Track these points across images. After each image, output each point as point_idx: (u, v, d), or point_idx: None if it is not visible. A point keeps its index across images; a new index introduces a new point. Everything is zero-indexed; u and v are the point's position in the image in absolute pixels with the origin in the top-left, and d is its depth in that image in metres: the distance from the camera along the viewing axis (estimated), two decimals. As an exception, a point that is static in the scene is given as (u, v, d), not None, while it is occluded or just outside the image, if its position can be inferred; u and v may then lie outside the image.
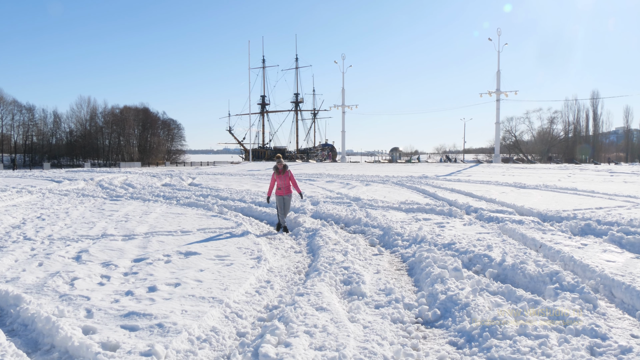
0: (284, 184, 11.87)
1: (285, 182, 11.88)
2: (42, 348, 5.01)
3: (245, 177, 34.43)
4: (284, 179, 11.86)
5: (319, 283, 6.97)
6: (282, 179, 11.86)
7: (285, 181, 11.89)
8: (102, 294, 6.62)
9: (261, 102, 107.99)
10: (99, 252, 9.23)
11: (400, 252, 9.43)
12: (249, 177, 34.35)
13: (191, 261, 8.55)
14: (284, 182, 11.87)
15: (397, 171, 40.74)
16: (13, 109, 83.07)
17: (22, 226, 12.32)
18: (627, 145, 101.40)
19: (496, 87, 64.73)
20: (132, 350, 4.65)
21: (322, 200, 17.49)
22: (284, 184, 11.87)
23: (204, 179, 31.99)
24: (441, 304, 6.14)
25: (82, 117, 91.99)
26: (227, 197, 19.52)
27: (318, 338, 5.00)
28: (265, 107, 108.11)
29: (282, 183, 11.87)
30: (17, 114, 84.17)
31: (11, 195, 20.38)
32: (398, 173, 37.29)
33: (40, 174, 42.20)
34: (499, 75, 64.50)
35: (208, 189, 23.67)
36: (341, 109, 78.78)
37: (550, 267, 7.28)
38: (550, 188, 21.98)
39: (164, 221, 13.18)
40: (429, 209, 14.91)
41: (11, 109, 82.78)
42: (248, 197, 19.17)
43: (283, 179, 11.86)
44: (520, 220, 12.19)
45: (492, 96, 65.41)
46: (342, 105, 78.54)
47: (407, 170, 41.88)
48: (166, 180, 31.31)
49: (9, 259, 8.62)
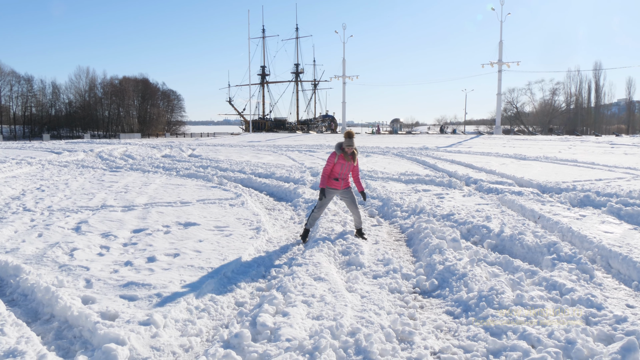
0: (345, 174, 8.36)
1: (348, 171, 8.39)
2: (42, 318, 5.05)
3: (245, 148, 34.38)
4: (347, 168, 8.32)
5: (317, 253, 7.00)
6: (346, 166, 8.29)
7: (349, 170, 8.40)
8: (102, 265, 6.65)
9: (261, 73, 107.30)
10: (99, 222, 9.24)
11: (399, 222, 9.45)
12: (249, 148, 34.29)
13: (190, 232, 8.57)
14: (346, 171, 8.34)
15: (397, 142, 40.64)
16: (11, 80, 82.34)
17: (21, 197, 12.33)
18: (629, 117, 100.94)
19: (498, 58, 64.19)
20: (131, 319, 4.69)
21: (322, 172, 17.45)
22: (345, 174, 8.35)
23: (203, 150, 31.94)
24: (439, 274, 6.17)
25: (81, 88, 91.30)
26: (227, 168, 19.50)
27: (316, 308, 5.03)
28: (265, 77, 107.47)
29: (345, 172, 8.34)
30: (16, 84, 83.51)
31: (10, 167, 20.35)
32: (399, 144, 37.20)
33: (40, 145, 42.09)
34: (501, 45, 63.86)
35: (208, 160, 23.65)
36: (342, 79, 78.20)
37: (548, 238, 7.30)
38: (551, 160, 21.95)
39: (163, 192, 13.18)
40: (428, 180, 14.90)
41: (9, 80, 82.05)
42: (248, 168, 19.15)
43: (348, 167, 8.31)
44: (519, 191, 12.18)
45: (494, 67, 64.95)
46: (342, 76, 77.93)
47: (408, 142, 41.76)
48: (166, 152, 31.26)
49: (8, 230, 8.64)
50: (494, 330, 4.51)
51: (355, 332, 4.41)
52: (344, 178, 8.31)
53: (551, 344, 4.10)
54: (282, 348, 4.09)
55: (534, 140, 43.90)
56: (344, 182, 8.36)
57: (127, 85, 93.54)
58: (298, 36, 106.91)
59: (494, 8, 63.98)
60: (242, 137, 63.68)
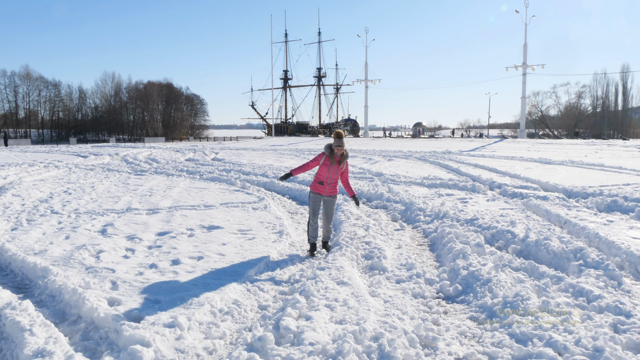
0: (333, 178, 7.64)
1: (336, 175, 7.66)
2: (70, 319, 5.13)
3: (268, 152, 34.52)
4: (336, 171, 7.61)
5: (340, 257, 7.00)
6: (334, 170, 7.56)
7: (337, 174, 7.68)
8: (127, 267, 6.74)
9: (284, 77, 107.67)
10: (124, 225, 9.37)
11: (422, 227, 9.39)
12: (271, 152, 34.43)
13: (214, 235, 8.64)
14: (334, 174, 7.61)
15: (420, 146, 40.42)
16: (40, 85, 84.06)
17: (49, 200, 12.57)
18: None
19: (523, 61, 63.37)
20: (155, 321, 4.74)
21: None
22: (333, 178, 7.62)
23: (226, 154, 32.18)
24: (463, 280, 6.12)
25: (107, 93, 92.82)
26: (250, 171, 19.61)
27: (339, 312, 5.03)
28: (287, 81, 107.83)
29: (332, 176, 7.59)
30: (44, 89, 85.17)
31: (39, 170, 20.78)
32: (421, 148, 37.00)
33: (67, 149, 42.92)
34: (526, 48, 63.06)
35: (231, 164, 23.82)
36: (364, 83, 78.07)
37: (574, 244, 7.19)
38: (577, 164, 21.60)
39: (187, 195, 13.32)
40: (451, 184, 14.79)
41: (37, 85, 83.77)
42: (270, 172, 19.23)
43: (335, 171, 7.59)
44: (544, 196, 12.02)
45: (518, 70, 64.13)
46: (365, 80, 77.80)
47: (430, 146, 41.51)
48: (189, 155, 31.57)
49: (37, 232, 8.82)
50: (519, 336, 4.45)
51: (378, 337, 4.39)
52: (330, 183, 7.60)
53: (578, 352, 4.03)
54: (306, 352, 4.10)
55: (559, 144, 43.27)
56: (330, 188, 7.65)
57: (152, 89, 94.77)
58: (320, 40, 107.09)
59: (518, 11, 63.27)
60: (264, 140, 63.99)
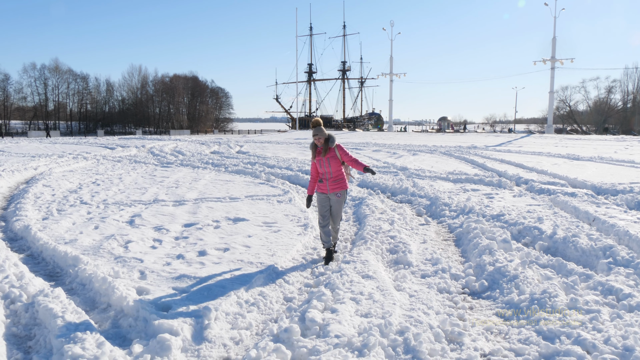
0: (329, 172, 6.75)
1: (330, 167, 6.73)
2: (99, 307, 5.24)
3: (292, 145, 34.61)
4: (328, 163, 6.71)
5: (365, 251, 7.00)
6: (325, 163, 6.71)
7: (332, 167, 6.73)
8: (155, 257, 6.85)
9: (308, 70, 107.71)
10: (151, 216, 9.51)
11: (448, 222, 9.33)
12: (295, 145, 34.51)
13: (239, 227, 8.72)
14: (327, 167, 6.72)
15: (445, 141, 40.09)
16: (68, 78, 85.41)
17: (78, 191, 12.82)
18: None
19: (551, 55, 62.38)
20: (183, 311, 4.82)
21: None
22: (328, 171, 6.74)
23: (251, 147, 32.36)
24: (489, 275, 6.07)
25: (134, 86, 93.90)
26: (274, 165, 19.70)
27: (364, 305, 5.04)
28: (312, 75, 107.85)
29: (326, 170, 6.74)
30: (72, 82, 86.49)
31: (68, 161, 21.19)
32: (446, 143, 36.70)
33: (95, 140, 43.66)
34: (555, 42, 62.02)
35: (255, 157, 23.96)
36: (389, 77, 77.70)
37: (603, 241, 7.07)
38: (606, 160, 21.20)
39: (212, 188, 13.45)
40: (477, 179, 14.65)
41: (66, 78, 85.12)
42: (295, 165, 19.28)
43: (327, 163, 6.71)
44: (572, 192, 11.83)
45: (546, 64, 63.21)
46: (389, 74, 77.40)
47: (456, 140, 41.14)
48: (214, 148, 31.83)
49: (67, 222, 9.02)
50: (546, 334, 4.40)
51: (404, 330, 4.39)
52: (329, 179, 6.76)
53: (607, 351, 3.98)
54: (331, 344, 4.12)
55: (588, 139, 42.50)
56: (332, 184, 6.77)
57: (178, 82, 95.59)
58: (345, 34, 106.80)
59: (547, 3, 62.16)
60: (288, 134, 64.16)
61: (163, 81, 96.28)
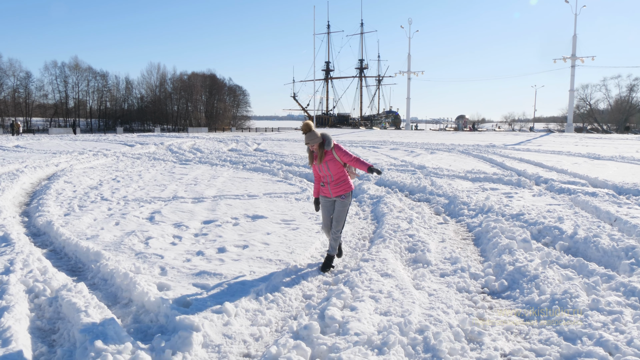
0: (329, 175, 6.25)
1: (328, 171, 6.23)
2: (121, 302, 5.31)
3: (309, 143, 34.61)
4: (325, 167, 6.21)
5: (383, 249, 6.99)
6: (323, 167, 6.22)
7: (332, 169, 6.21)
8: (175, 253, 6.92)
9: (325, 68, 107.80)
10: (171, 213, 9.61)
11: (466, 221, 9.28)
12: (312, 143, 34.51)
13: (258, 224, 8.76)
14: (325, 171, 6.24)
15: (463, 139, 39.83)
16: (88, 76, 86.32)
17: (99, 187, 12.98)
18: None
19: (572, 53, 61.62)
20: (203, 307, 4.86)
21: (386, 168, 17.42)
22: (327, 175, 6.26)
23: (268, 145, 32.46)
24: (509, 275, 6.03)
25: (152, 83, 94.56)
26: (292, 162, 19.75)
27: (383, 303, 5.04)
28: (329, 73, 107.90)
29: (325, 174, 6.26)
30: (92, 80, 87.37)
31: (88, 158, 21.46)
32: (464, 141, 36.46)
33: (114, 138, 44.17)
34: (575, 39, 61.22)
35: (273, 155, 24.03)
36: (406, 75, 77.43)
37: (625, 242, 6.98)
38: (627, 160, 20.90)
39: (231, 185, 13.53)
40: (496, 178, 14.55)
41: (86, 76, 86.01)
42: (312, 163, 19.28)
43: (325, 167, 6.21)
44: (593, 192, 11.69)
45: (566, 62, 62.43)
46: (407, 72, 77.10)
47: (474, 139, 40.85)
48: (232, 146, 31.99)
49: (88, 218, 9.14)
50: (567, 334, 4.37)
51: (423, 329, 4.39)
52: (329, 182, 6.26)
53: (630, 352, 3.94)
54: (351, 342, 4.13)
55: (609, 139, 41.92)
56: (333, 188, 6.27)
57: (196, 80, 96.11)
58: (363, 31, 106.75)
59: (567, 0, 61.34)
60: (305, 132, 64.09)
61: (181, 79, 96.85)
